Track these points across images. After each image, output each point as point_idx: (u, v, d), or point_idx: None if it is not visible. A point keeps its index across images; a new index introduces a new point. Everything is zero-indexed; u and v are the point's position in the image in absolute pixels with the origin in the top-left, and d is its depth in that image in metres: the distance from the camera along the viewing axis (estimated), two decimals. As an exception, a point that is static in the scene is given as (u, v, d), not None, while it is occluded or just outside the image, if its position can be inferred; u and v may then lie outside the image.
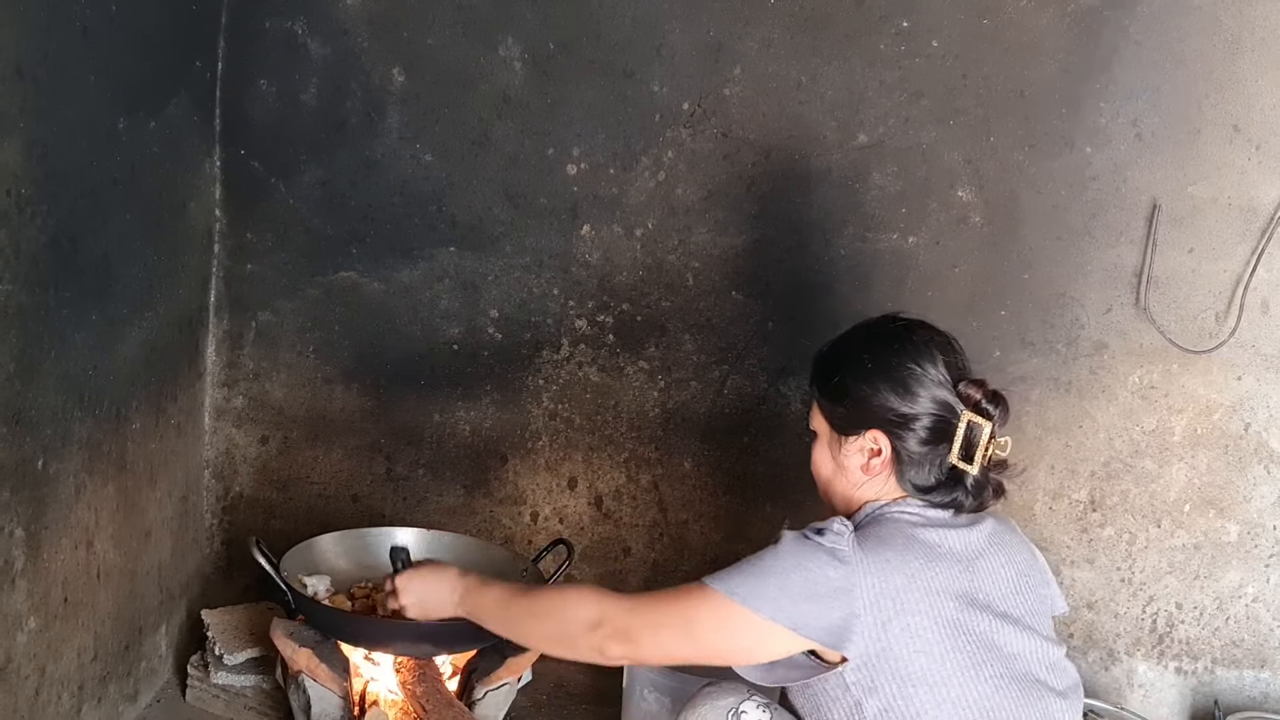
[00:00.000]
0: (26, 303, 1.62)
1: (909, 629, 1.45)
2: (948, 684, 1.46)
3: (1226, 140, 2.28)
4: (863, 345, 1.63)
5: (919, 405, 1.56)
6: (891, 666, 1.45)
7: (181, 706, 2.24)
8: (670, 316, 2.45)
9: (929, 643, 1.46)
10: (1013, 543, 1.63)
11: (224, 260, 2.44)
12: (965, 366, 1.62)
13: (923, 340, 1.60)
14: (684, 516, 2.53)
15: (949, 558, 1.52)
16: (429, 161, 2.40)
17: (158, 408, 2.17)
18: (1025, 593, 1.59)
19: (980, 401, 1.57)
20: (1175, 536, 2.42)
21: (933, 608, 1.47)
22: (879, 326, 1.65)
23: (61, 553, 1.78)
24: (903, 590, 1.46)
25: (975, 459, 1.56)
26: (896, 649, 1.45)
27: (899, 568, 1.48)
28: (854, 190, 2.36)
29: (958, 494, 1.58)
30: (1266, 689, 2.47)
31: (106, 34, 1.79)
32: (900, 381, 1.56)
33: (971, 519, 1.60)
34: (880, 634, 1.45)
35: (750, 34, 2.32)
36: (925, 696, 1.45)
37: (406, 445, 2.53)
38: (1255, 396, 2.37)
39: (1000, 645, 1.50)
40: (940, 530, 1.55)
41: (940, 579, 1.49)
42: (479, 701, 2.13)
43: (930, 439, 1.57)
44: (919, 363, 1.57)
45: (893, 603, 1.45)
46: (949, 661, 1.46)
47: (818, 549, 1.49)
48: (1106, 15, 2.25)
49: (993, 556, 1.57)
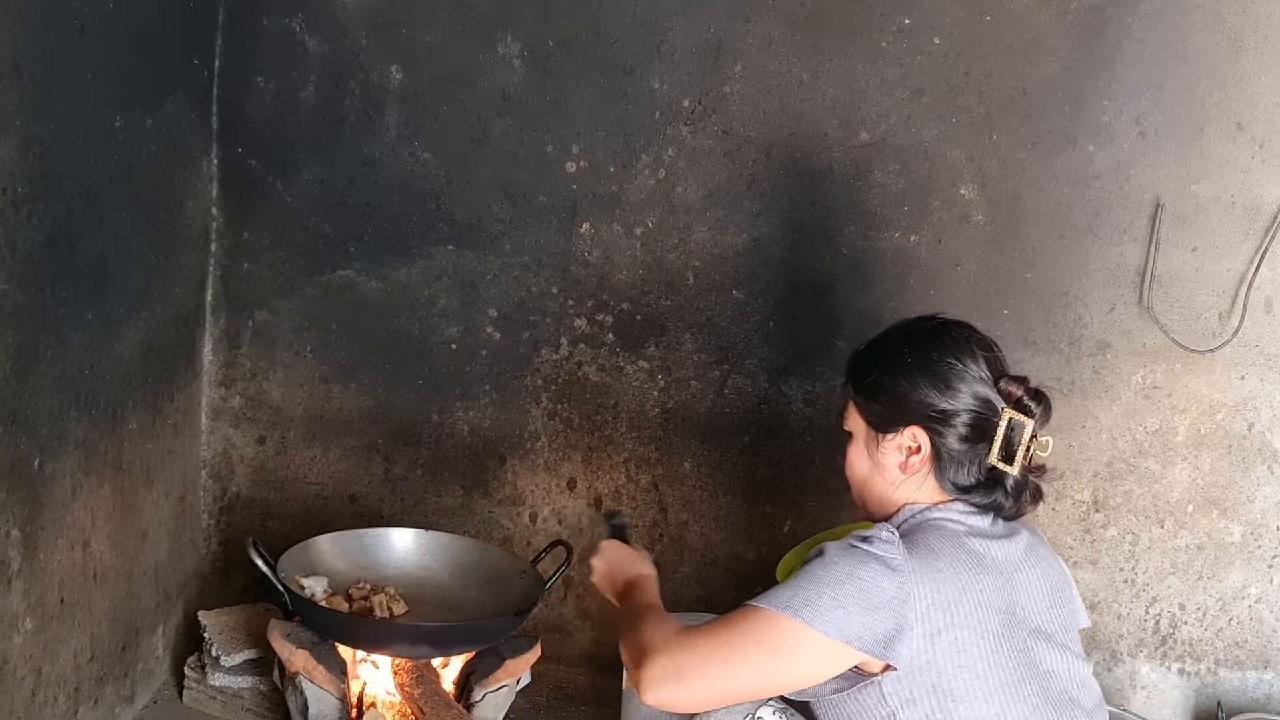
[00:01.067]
0: (23, 302, 1.61)
1: (956, 642, 1.42)
2: (988, 701, 1.42)
3: (1230, 138, 2.27)
4: (902, 341, 1.59)
5: (959, 401, 1.53)
6: (933, 680, 1.41)
7: (178, 708, 2.24)
8: (670, 315, 2.44)
9: (973, 658, 1.42)
10: (1046, 556, 1.60)
11: (221, 259, 2.42)
12: (1005, 364, 1.59)
13: (963, 337, 1.57)
14: (684, 517, 2.52)
15: (993, 570, 1.49)
16: (427, 160, 2.39)
17: (154, 407, 2.16)
18: (1058, 607, 1.56)
19: (1022, 398, 1.54)
20: (1178, 537, 2.41)
21: (981, 622, 1.43)
22: (918, 324, 1.62)
23: (58, 553, 1.78)
24: (954, 603, 1.43)
25: (1016, 459, 1.52)
26: (941, 663, 1.41)
27: (951, 579, 1.44)
28: (855, 188, 2.35)
29: (997, 495, 1.54)
30: (1270, 690, 2.46)
31: (104, 31, 1.78)
32: (940, 376, 1.53)
33: (1008, 529, 1.57)
34: (928, 646, 1.41)
35: (751, 31, 2.30)
36: (965, 712, 1.41)
37: (405, 445, 2.52)
38: (1259, 396, 2.36)
39: (1038, 662, 1.48)
40: (983, 541, 1.51)
41: (987, 592, 1.46)
42: (477, 703, 2.12)
43: (970, 436, 1.53)
44: (959, 358, 1.54)
45: (944, 615, 1.42)
46: (991, 679, 1.43)
47: (868, 557, 1.44)
48: (1109, 13, 2.24)
49: (1029, 570, 1.54)
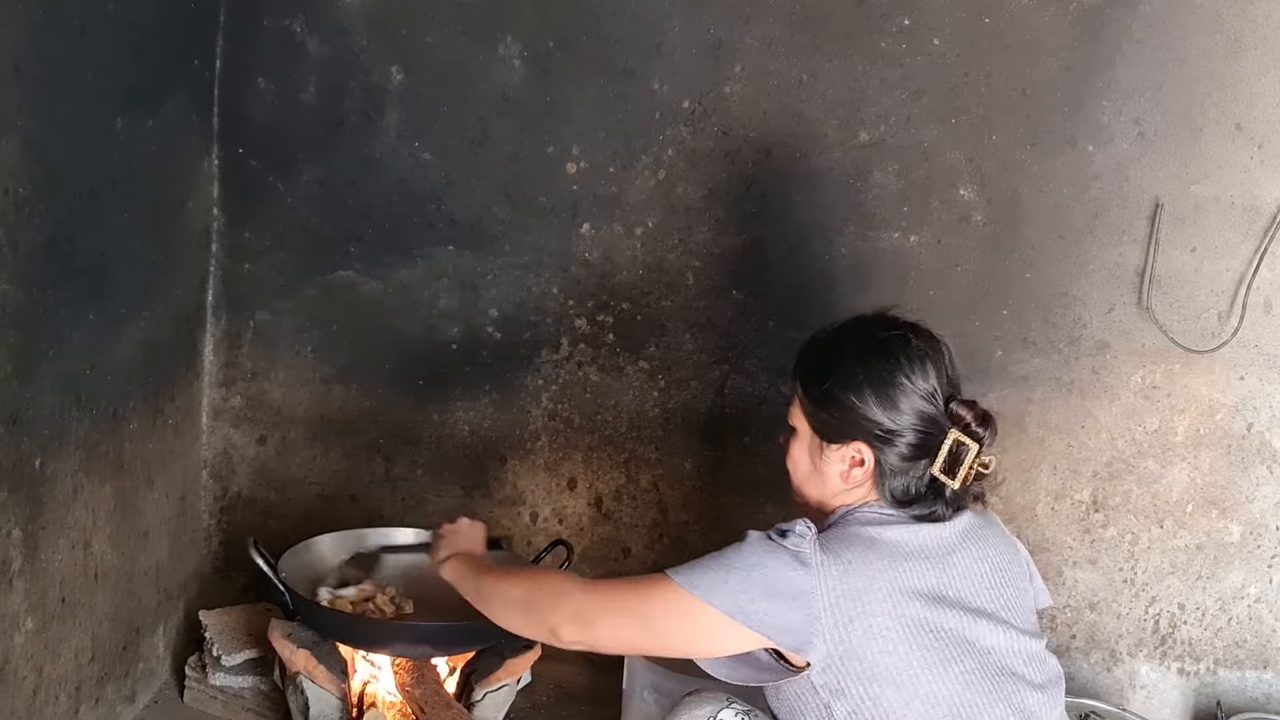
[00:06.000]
0: (24, 302, 1.61)
1: (871, 630, 1.45)
2: (915, 682, 1.45)
3: (1229, 139, 2.27)
4: (856, 352, 1.59)
5: (905, 420, 1.55)
6: (857, 668, 1.45)
7: (179, 708, 2.24)
8: (670, 316, 2.44)
9: (893, 642, 1.46)
10: (988, 537, 1.61)
11: (222, 259, 2.43)
12: (956, 377, 1.60)
13: (917, 352, 1.57)
14: (684, 517, 2.52)
15: (916, 555, 1.52)
16: (428, 160, 2.39)
17: (155, 408, 2.16)
18: (1001, 587, 1.57)
19: (970, 424, 1.55)
20: (1178, 537, 2.42)
21: (895, 607, 1.46)
22: (874, 331, 1.60)
23: (59, 553, 1.78)
24: (863, 591, 1.46)
25: (958, 475, 1.54)
26: (860, 650, 1.45)
27: (859, 569, 1.48)
28: (855, 189, 2.35)
29: (937, 507, 1.56)
30: (1269, 690, 2.46)
31: (104, 32, 1.78)
32: (890, 398, 1.54)
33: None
34: (842, 636, 1.45)
35: (751, 31, 2.31)
36: (893, 696, 1.45)
37: (405, 445, 2.52)
38: (1258, 396, 2.36)
39: (973, 640, 1.50)
40: (907, 527, 1.54)
41: (905, 578, 1.49)
42: (478, 703, 2.12)
43: (913, 455, 1.56)
44: (910, 378, 1.55)
45: (853, 604, 1.45)
46: (915, 660, 1.46)
47: (780, 550, 1.49)
48: (1109, 13, 2.25)
49: (965, 551, 1.56)
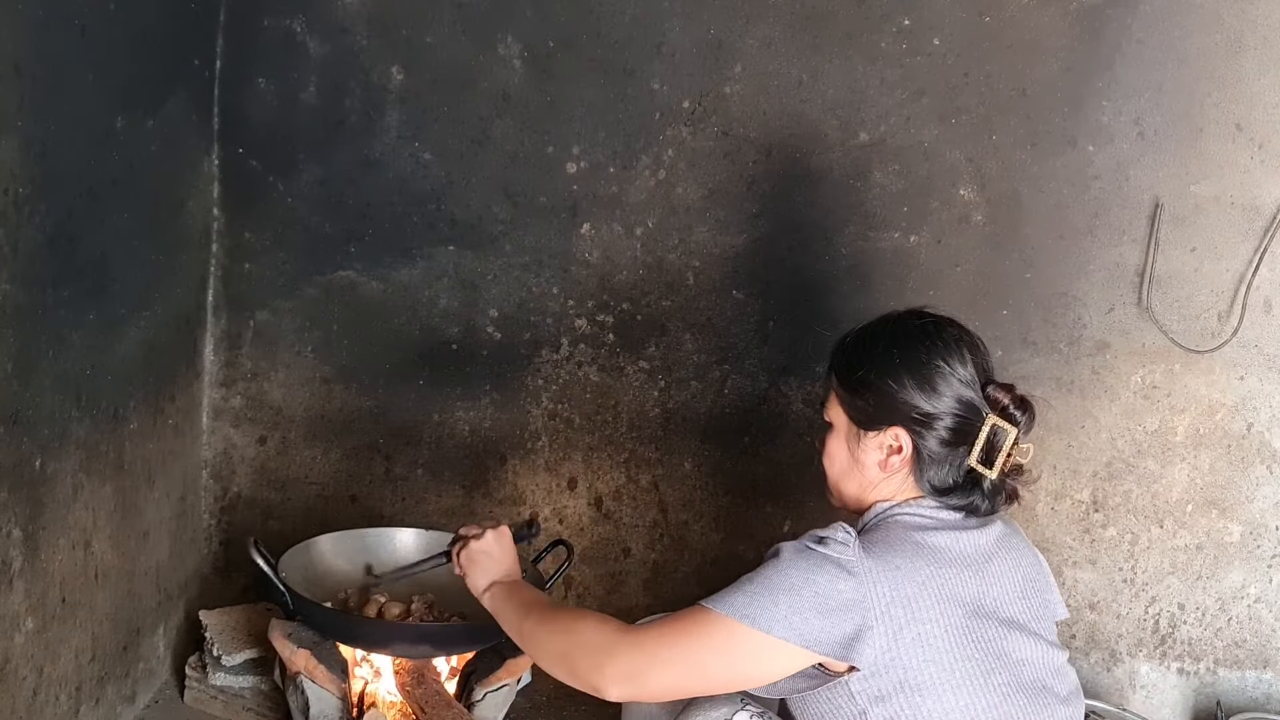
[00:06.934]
0: (24, 302, 1.61)
1: (920, 637, 1.42)
2: (957, 693, 1.42)
3: (1229, 139, 2.27)
4: (890, 339, 1.58)
5: (944, 404, 1.52)
6: (900, 676, 1.42)
7: (179, 708, 2.23)
8: (670, 316, 2.44)
9: (939, 651, 1.43)
10: (1019, 546, 1.60)
11: (222, 259, 2.43)
12: (991, 366, 1.59)
13: (953, 338, 1.56)
14: (684, 517, 2.52)
15: (958, 562, 1.49)
16: (428, 160, 2.39)
17: (155, 408, 2.16)
18: (1031, 598, 1.56)
19: (1008, 406, 1.54)
20: (1177, 537, 2.42)
21: (944, 615, 1.43)
22: (908, 321, 1.60)
23: (59, 553, 1.78)
24: (914, 598, 1.43)
25: (995, 464, 1.52)
26: (906, 658, 1.42)
27: (910, 575, 1.44)
28: (855, 189, 2.35)
29: (974, 498, 1.54)
30: (1269, 690, 2.46)
31: (105, 32, 1.78)
32: (927, 379, 1.52)
33: (980, 521, 1.57)
34: (892, 643, 1.41)
35: (751, 32, 2.31)
36: (933, 705, 1.42)
37: (405, 445, 2.52)
38: (1258, 396, 2.36)
39: (1009, 652, 1.48)
40: (950, 533, 1.52)
41: (950, 586, 1.46)
42: (478, 703, 2.12)
43: (952, 440, 1.53)
44: (947, 360, 1.53)
45: (904, 611, 1.42)
46: (958, 670, 1.43)
47: (824, 560, 1.44)
48: (1109, 13, 2.25)
49: (1001, 560, 1.54)
